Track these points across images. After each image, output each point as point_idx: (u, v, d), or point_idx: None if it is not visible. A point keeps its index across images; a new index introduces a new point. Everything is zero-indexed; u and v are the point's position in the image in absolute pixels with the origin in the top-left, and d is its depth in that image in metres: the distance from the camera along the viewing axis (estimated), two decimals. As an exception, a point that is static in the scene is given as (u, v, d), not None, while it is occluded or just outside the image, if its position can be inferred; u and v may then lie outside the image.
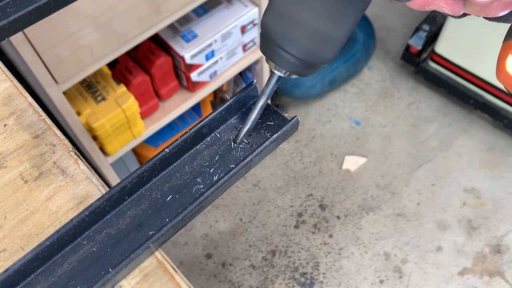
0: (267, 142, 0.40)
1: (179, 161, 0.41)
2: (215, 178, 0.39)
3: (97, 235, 0.37)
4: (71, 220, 0.36)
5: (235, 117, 0.43)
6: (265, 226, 1.53)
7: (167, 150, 0.39)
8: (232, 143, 0.41)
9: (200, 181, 0.39)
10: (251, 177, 1.63)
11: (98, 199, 0.37)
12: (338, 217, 1.54)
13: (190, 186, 0.39)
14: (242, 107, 0.43)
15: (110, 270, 0.34)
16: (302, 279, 1.44)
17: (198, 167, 0.40)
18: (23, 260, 0.33)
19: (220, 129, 0.42)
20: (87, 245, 0.36)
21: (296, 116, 0.42)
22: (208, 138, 0.42)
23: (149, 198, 0.38)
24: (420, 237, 1.49)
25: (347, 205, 1.56)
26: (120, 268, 0.34)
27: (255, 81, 0.44)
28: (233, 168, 0.39)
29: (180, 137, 0.40)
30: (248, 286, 1.43)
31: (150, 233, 0.36)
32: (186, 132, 0.40)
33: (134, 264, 0.36)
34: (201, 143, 0.42)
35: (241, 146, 0.41)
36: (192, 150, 0.41)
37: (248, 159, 0.40)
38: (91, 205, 0.36)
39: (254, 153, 0.40)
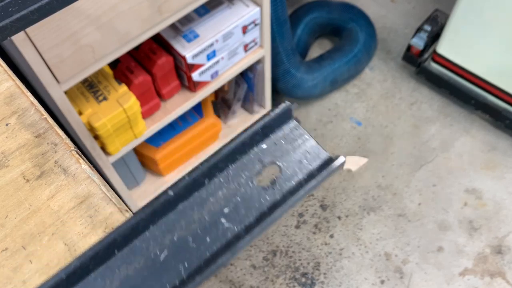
0: (301, 191, 0.29)
1: (185, 204, 0.30)
2: (230, 233, 0.28)
3: None
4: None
5: (260, 146, 0.32)
6: (266, 226, 1.53)
7: (171, 192, 0.29)
8: (253, 183, 0.31)
9: (211, 235, 0.28)
10: (252, 177, 1.63)
11: (77, 258, 0.27)
12: (339, 217, 1.53)
13: (197, 242, 0.28)
14: (270, 133, 0.33)
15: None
16: (303, 279, 1.44)
17: (209, 214, 0.30)
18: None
19: (239, 163, 0.31)
20: None
21: (340, 156, 0.32)
22: (224, 174, 0.31)
23: (144, 254, 0.28)
24: (421, 238, 1.49)
25: (348, 205, 1.56)
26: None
27: (289, 103, 0.33)
28: (253, 221, 0.29)
29: (187, 174, 0.30)
30: (248, 286, 1.43)
31: None
32: (197, 167, 0.30)
33: None
34: (214, 181, 0.31)
35: (266, 188, 0.30)
36: (202, 191, 0.31)
37: (275, 212, 0.28)
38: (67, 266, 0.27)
39: (284, 206, 0.28)
